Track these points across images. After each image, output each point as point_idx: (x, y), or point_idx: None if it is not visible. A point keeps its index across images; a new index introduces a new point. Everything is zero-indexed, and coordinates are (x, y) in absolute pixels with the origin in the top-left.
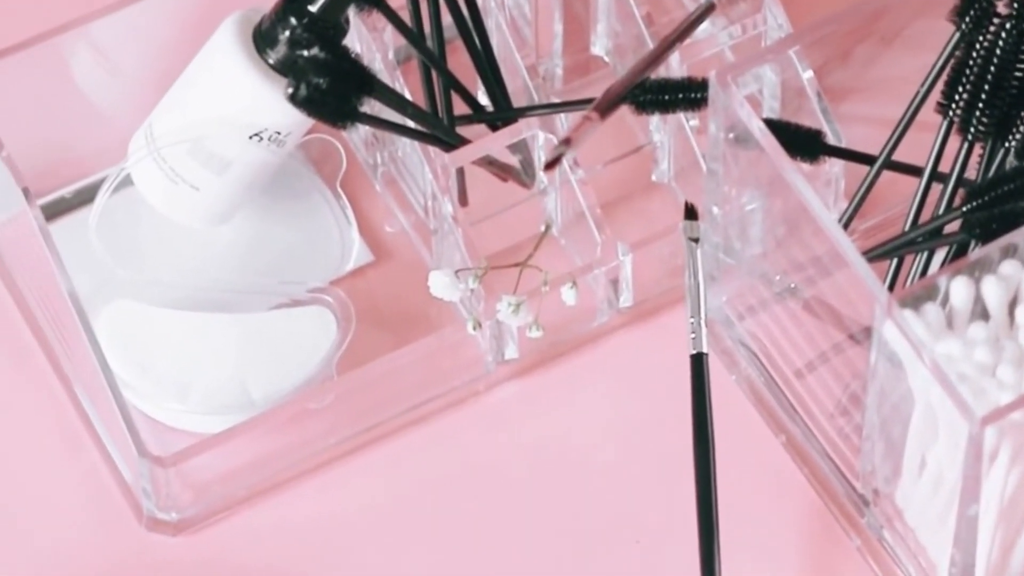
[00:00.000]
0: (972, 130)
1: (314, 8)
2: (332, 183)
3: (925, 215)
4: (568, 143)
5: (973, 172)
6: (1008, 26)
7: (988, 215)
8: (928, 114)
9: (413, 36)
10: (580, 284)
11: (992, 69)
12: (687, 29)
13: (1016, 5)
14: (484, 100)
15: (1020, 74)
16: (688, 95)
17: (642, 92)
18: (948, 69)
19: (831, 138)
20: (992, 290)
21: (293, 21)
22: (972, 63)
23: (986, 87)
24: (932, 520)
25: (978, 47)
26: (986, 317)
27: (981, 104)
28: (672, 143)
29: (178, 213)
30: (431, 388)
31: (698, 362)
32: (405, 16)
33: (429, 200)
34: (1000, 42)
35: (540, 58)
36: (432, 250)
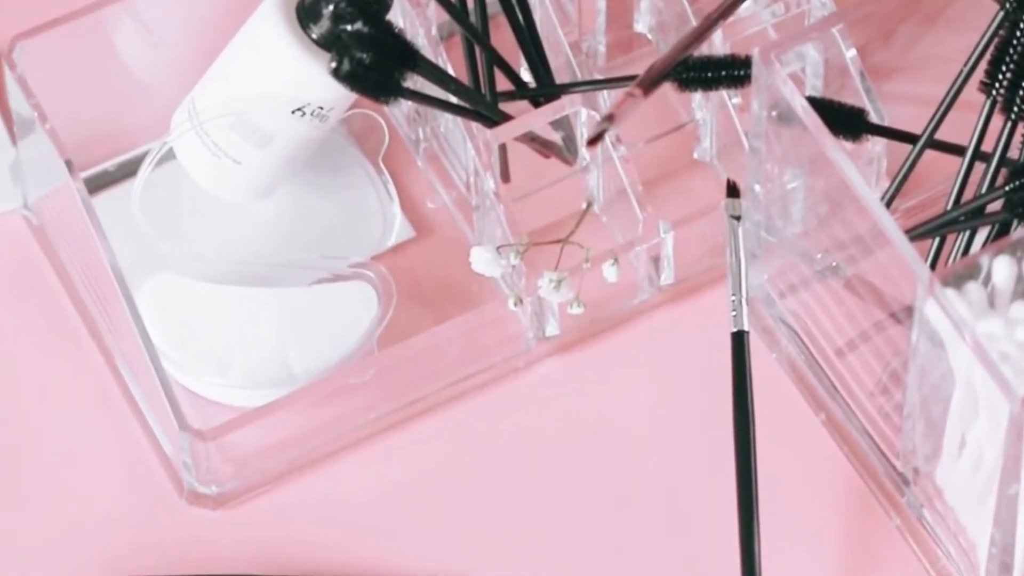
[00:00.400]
0: (1015, 109)
1: None
2: (374, 158)
3: (967, 194)
4: (611, 119)
5: (1016, 152)
6: None
7: None
8: (971, 93)
9: (456, 11)
10: (621, 261)
11: None
12: (730, 7)
13: None
14: (527, 76)
15: None
16: (731, 73)
17: (685, 69)
18: (991, 48)
19: (874, 117)
20: None
21: None
22: (1016, 42)
23: None
24: (972, 499)
25: (1022, 26)
26: None
27: None
28: (714, 121)
29: (220, 187)
30: (471, 364)
31: (739, 340)
32: None
33: (471, 176)
34: None
35: (583, 35)
36: (473, 226)
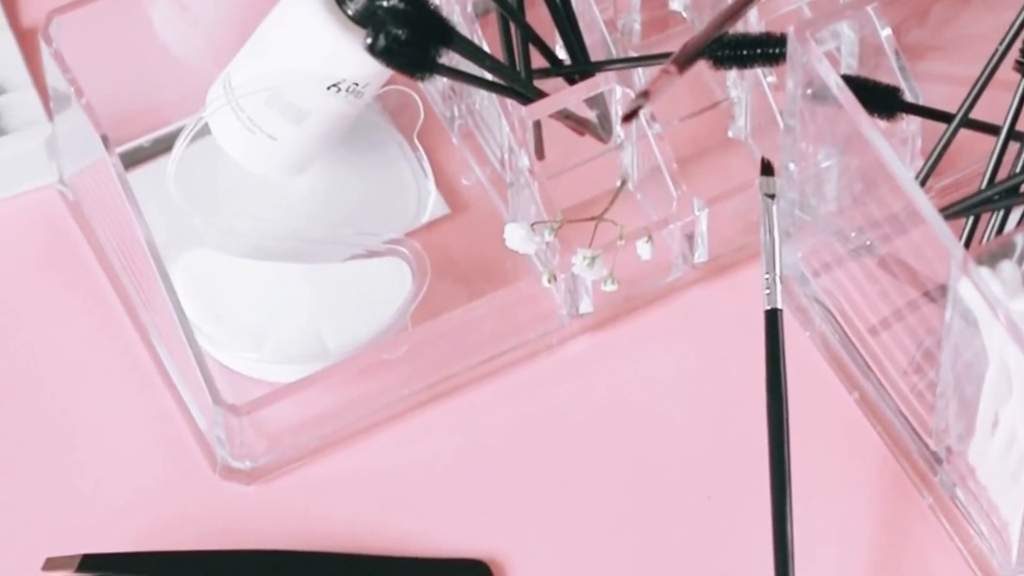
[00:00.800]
0: None
1: None
2: (409, 135)
3: (1002, 173)
4: (646, 96)
5: None
6: None
7: None
8: (1006, 73)
9: None
10: (655, 239)
11: None
12: None
13: None
14: (562, 54)
15: None
16: (766, 51)
17: (720, 47)
18: None
19: (909, 96)
20: None
21: None
22: None
23: None
24: (1005, 478)
25: None
26: None
27: None
28: (749, 99)
29: (255, 163)
30: (505, 341)
31: (772, 318)
32: None
33: (506, 153)
34: None
35: (618, 12)
36: (508, 203)
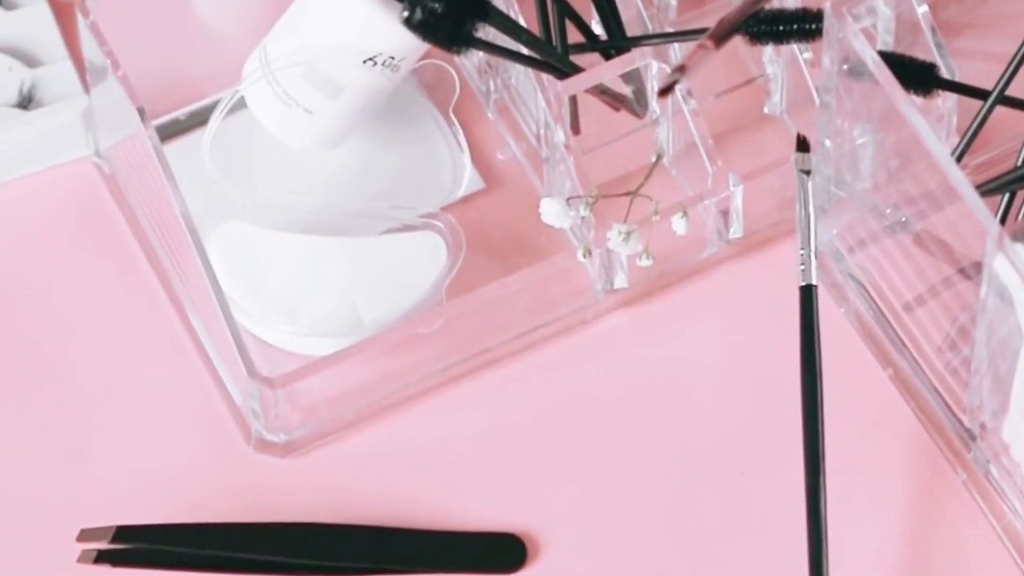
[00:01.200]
0: None
1: None
2: (445, 109)
3: None
4: (683, 71)
5: None
6: None
7: None
8: None
9: None
10: (690, 214)
11: None
12: None
13: None
14: (598, 29)
15: None
16: (803, 26)
17: (756, 23)
18: None
19: (945, 73)
20: None
21: None
22: None
23: None
24: None
25: None
26: None
27: None
28: (785, 75)
29: (291, 136)
30: (539, 316)
31: (807, 294)
32: None
33: (541, 128)
34: None
35: None
36: (543, 178)
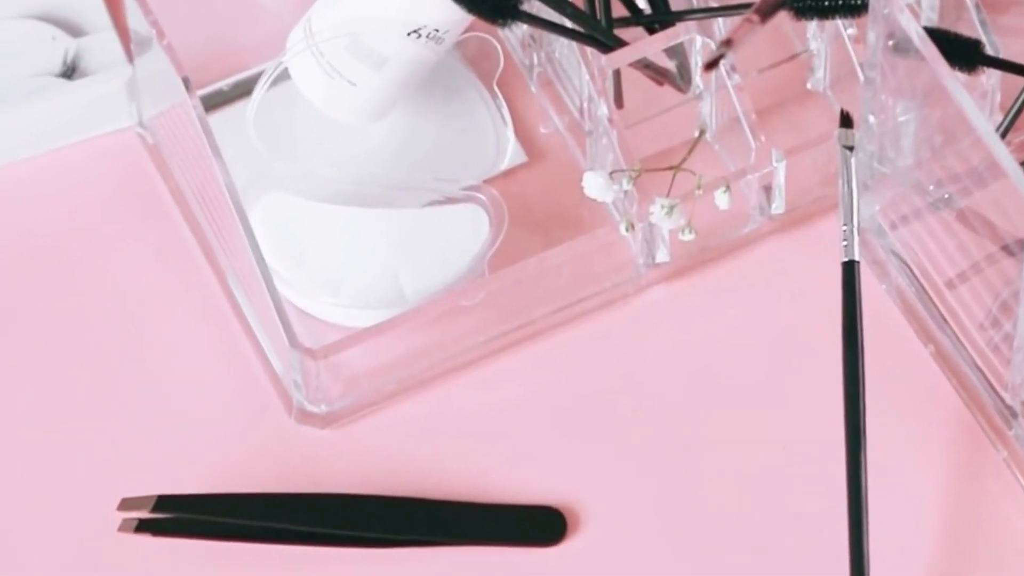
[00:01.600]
0: None
1: None
2: (489, 82)
3: None
4: (728, 44)
5: None
6: None
7: None
8: None
9: None
10: (733, 189)
11: None
12: None
13: None
14: (642, 3)
15: None
16: (847, 1)
17: None
18: None
19: (989, 49)
20: None
21: None
22: None
23: None
24: None
25: None
26: None
27: None
28: (829, 51)
29: (335, 108)
30: (581, 289)
31: (849, 270)
32: None
33: (585, 102)
34: None
35: None
36: (586, 152)
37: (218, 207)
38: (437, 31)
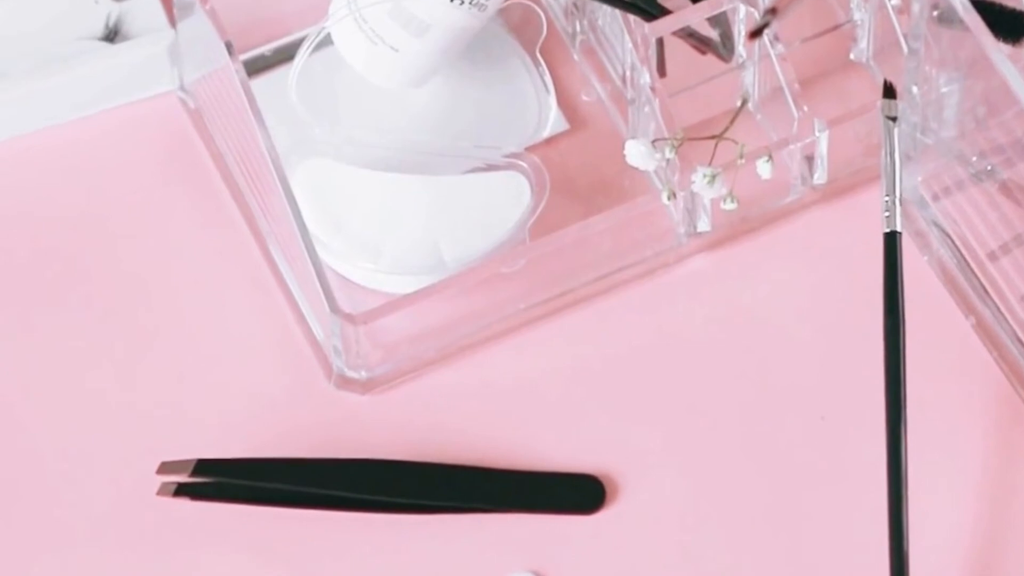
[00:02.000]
0: None
1: None
2: (531, 50)
3: None
4: (773, 13)
5: None
6: None
7: None
8: None
9: None
10: (775, 159)
11: None
12: None
13: None
14: None
15: None
16: None
17: None
18: None
19: None
20: None
21: None
22: None
23: None
24: None
25: None
26: None
27: None
28: (873, 22)
29: (377, 74)
30: (622, 258)
31: (891, 241)
32: None
33: (627, 70)
34: None
35: None
36: (627, 120)
37: (259, 172)
38: None
